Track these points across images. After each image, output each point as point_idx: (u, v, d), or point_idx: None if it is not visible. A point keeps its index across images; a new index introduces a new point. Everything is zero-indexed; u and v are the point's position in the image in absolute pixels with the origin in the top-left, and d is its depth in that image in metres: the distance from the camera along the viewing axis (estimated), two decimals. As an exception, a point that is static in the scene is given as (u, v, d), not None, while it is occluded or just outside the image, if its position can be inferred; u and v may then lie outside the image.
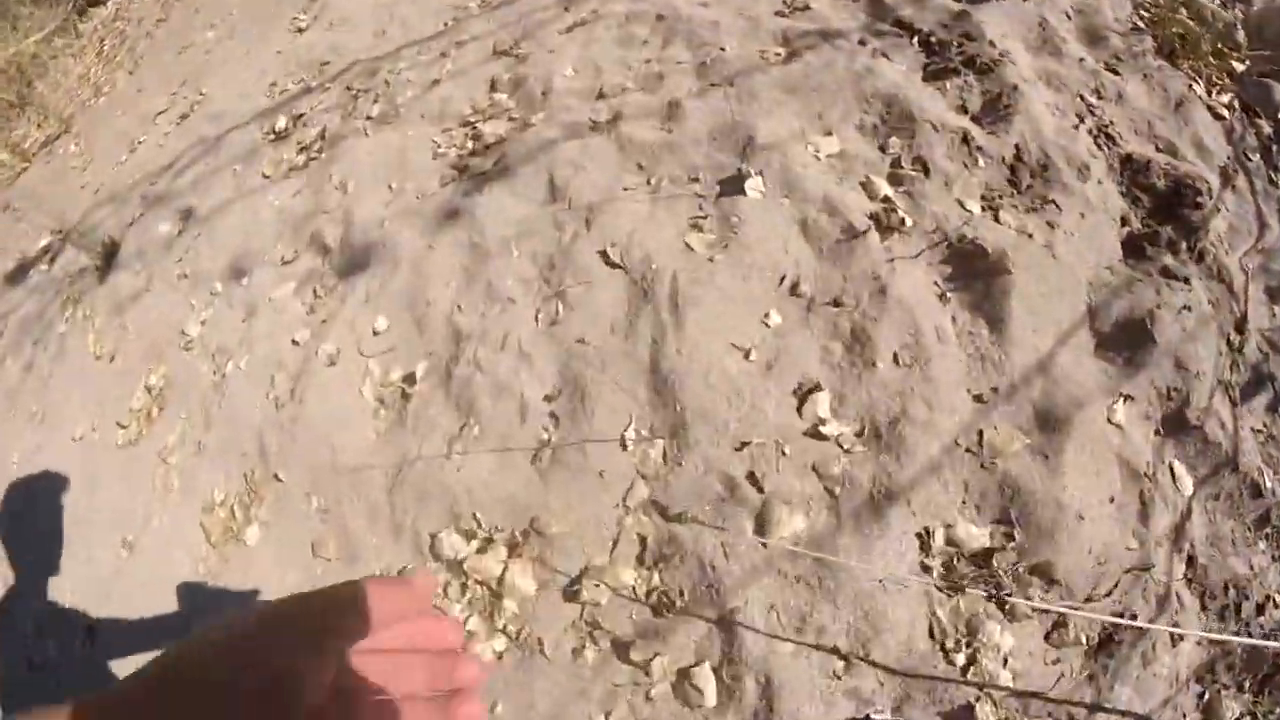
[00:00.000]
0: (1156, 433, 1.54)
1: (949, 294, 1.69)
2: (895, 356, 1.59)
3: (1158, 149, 1.95)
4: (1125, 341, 1.61)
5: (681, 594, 1.46)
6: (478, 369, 1.89)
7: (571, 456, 1.68)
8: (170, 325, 2.51)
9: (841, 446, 1.53)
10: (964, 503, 1.46)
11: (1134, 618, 1.39)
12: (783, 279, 1.78)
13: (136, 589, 2.01)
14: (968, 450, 1.49)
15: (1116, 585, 1.41)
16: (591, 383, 1.75)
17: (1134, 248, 1.76)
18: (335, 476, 1.91)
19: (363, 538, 1.80)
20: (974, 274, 1.70)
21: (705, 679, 1.38)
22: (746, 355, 1.67)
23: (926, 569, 1.42)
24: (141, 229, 2.94)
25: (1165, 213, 1.81)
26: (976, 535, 1.42)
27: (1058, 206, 1.79)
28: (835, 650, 1.37)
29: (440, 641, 0.41)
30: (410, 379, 1.97)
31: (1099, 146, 1.93)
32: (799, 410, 1.59)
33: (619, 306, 1.86)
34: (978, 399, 1.55)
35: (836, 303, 1.70)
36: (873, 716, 1.34)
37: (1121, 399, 1.54)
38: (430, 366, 1.97)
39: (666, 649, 1.43)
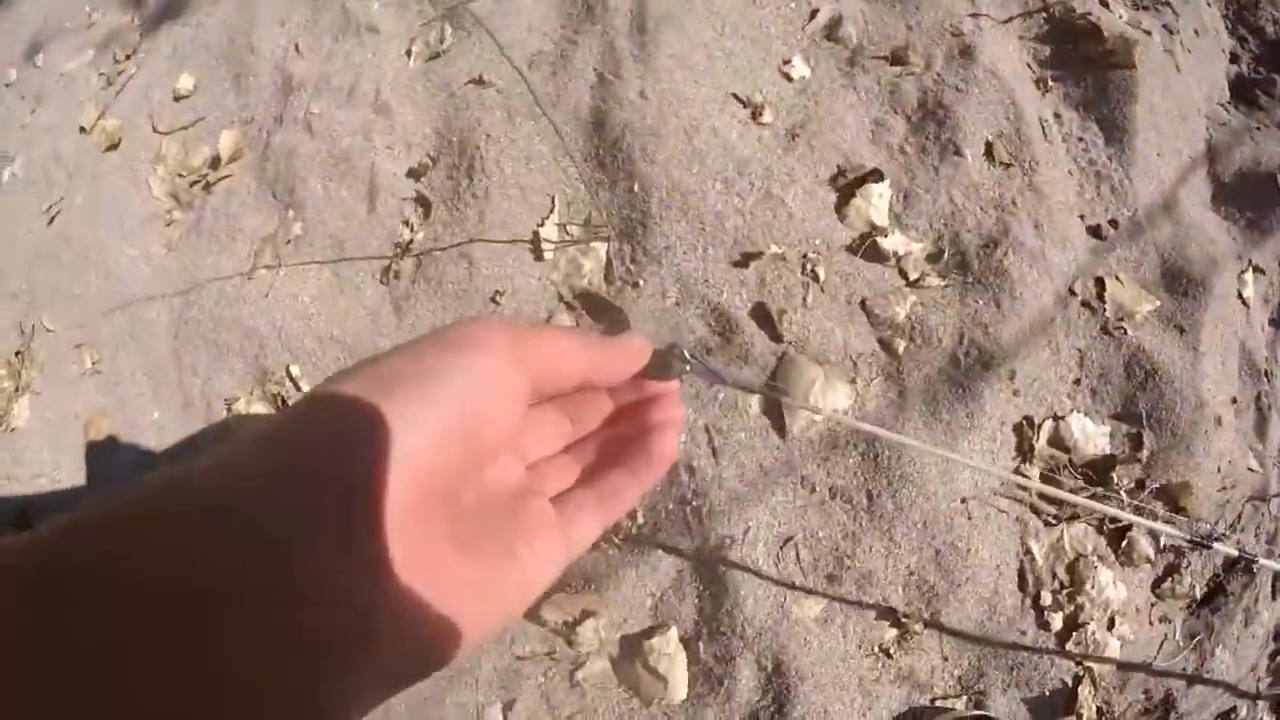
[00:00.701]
0: (1271, 322, 1.13)
1: (1050, 82, 1.12)
2: (989, 148, 0.99)
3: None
4: (1248, 198, 1.16)
5: (634, 513, 0.77)
6: (308, 132, 1.06)
7: (448, 269, 0.91)
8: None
9: (906, 275, 0.91)
10: (1078, 383, 0.92)
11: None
12: (814, 14, 1.08)
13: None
14: (1084, 305, 0.95)
15: (1239, 518, 0.98)
16: (489, 144, 0.96)
17: (1244, 94, 1.32)
18: (108, 318, 1.16)
19: (143, 411, 1.11)
20: (1084, 63, 1.14)
21: (669, 656, 0.73)
22: (755, 114, 0.97)
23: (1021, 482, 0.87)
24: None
25: (1274, 62, 1.40)
26: (1094, 435, 0.90)
27: (1174, 11, 1.28)
28: (890, 612, 0.78)
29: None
30: (216, 162, 1.18)
31: (1197, -37, 1.46)
32: (839, 210, 0.94)
33: (548, 28, 1.05)
34: (1094, 232, 1.01)
35: (897, 59, 1.05)
36: (938, 707, 0.79)
37: (1251, 269, 1.10)
38: (244, 137, 1.19)
39: (605, 605, 0.74)
